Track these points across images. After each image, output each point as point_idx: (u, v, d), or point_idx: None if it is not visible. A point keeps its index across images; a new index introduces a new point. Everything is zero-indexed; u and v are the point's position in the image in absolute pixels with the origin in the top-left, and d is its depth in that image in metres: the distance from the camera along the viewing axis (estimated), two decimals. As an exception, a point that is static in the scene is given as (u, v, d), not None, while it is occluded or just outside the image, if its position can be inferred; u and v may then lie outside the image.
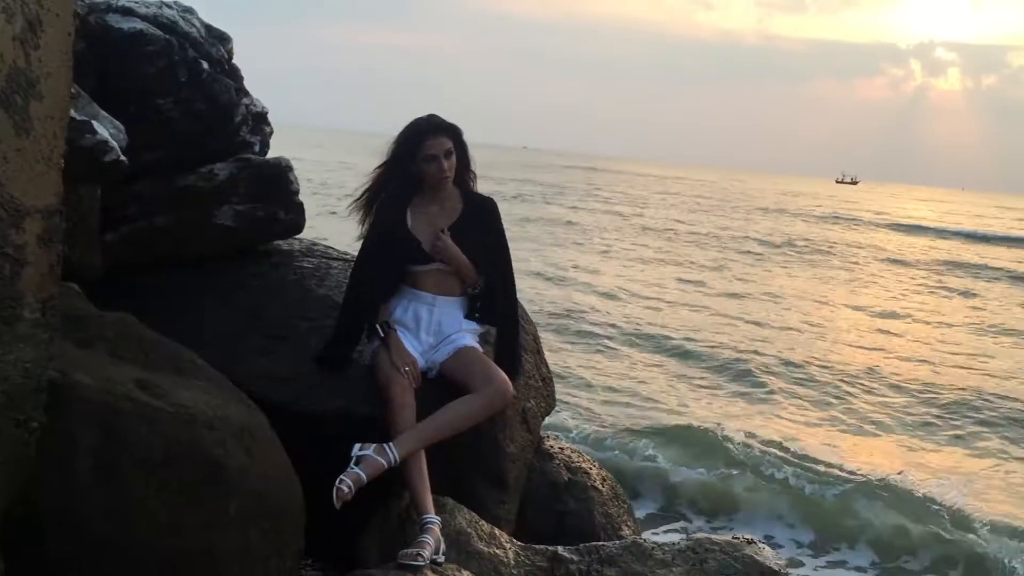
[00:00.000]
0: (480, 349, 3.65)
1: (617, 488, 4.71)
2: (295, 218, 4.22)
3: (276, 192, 4.12)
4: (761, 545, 3.71)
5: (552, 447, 4.51)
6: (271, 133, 4.45)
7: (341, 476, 3.07)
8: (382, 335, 3.56)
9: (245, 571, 2.64)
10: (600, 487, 4.45)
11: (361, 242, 3.75)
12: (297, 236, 4.50)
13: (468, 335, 3.66)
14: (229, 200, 4.01)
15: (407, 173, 3.68)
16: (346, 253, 4.48)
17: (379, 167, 3.74)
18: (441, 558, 3.12)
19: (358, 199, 3.74)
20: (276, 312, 3.95)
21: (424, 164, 3.64)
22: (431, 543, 3.07)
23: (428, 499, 3.25)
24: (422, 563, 2.97)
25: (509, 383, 3.52)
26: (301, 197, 4.32)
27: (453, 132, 3.69)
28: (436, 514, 3.25)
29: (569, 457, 4.53)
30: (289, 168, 4.16)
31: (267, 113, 4.42)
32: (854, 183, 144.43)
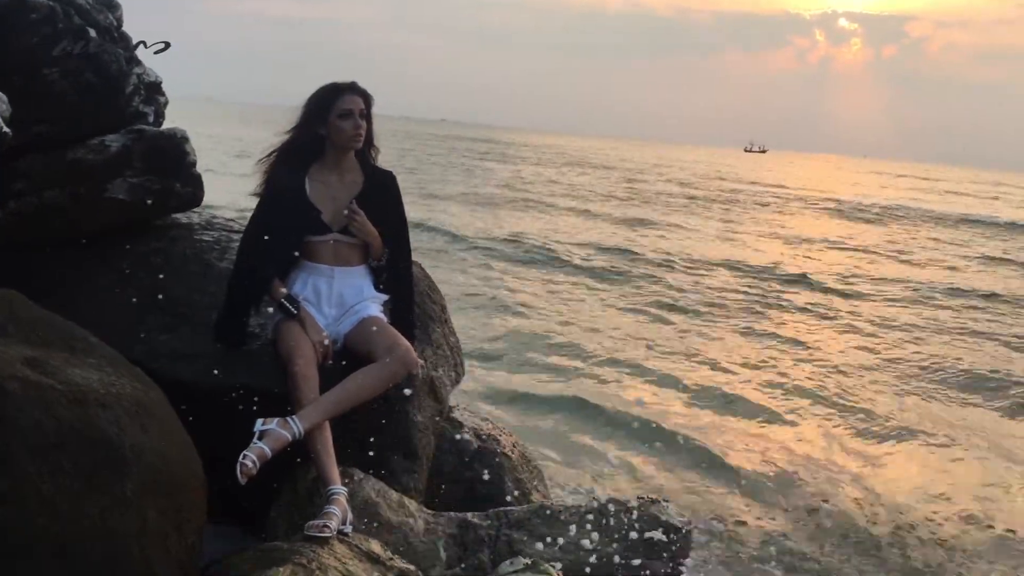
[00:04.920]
0: (384, 319, 3.64)
1: (527, 454, 4.78)
2: (193, 191, 4.11)
3: (172, 164, 4.00)
4: (665, 504, 3.83)
5: (461, 416, 4.55)
6: (166, 104, 4.32)
7: (245, 451, 3.04)
8: (294, 311, 3.52)
9: (143, 550, 2.58)
10: (510, 454, 4.50)
11: (254, 208, 3.68)
12: (195, 209, 4.39)
13: (372, 305, 3.64)
14: (122, 173, 3.88)
15: (312, 137, 3.63)
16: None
17: (289, 130, 3.67)
18: (349, 528, 3.13)
19: (263, 160, 3.67)
20: (176, 288, 3.86)
21: (338, 120, 3.59)
22: (338, 514, 3.08)
23: (334, 470, 3.24)
24: (329, 534, 2.97)
25: (413, 351, 3.52)
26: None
27: (368, 98, 3.66)
28: (343, 485, 3.25)
29: (478, 425, 4.57)
30: (185, 139, 4.04)
31: (161, 83, 4.29)
32: (762, 152, 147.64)
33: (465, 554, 3.50)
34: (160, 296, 3.78)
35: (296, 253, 3.62)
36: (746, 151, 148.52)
